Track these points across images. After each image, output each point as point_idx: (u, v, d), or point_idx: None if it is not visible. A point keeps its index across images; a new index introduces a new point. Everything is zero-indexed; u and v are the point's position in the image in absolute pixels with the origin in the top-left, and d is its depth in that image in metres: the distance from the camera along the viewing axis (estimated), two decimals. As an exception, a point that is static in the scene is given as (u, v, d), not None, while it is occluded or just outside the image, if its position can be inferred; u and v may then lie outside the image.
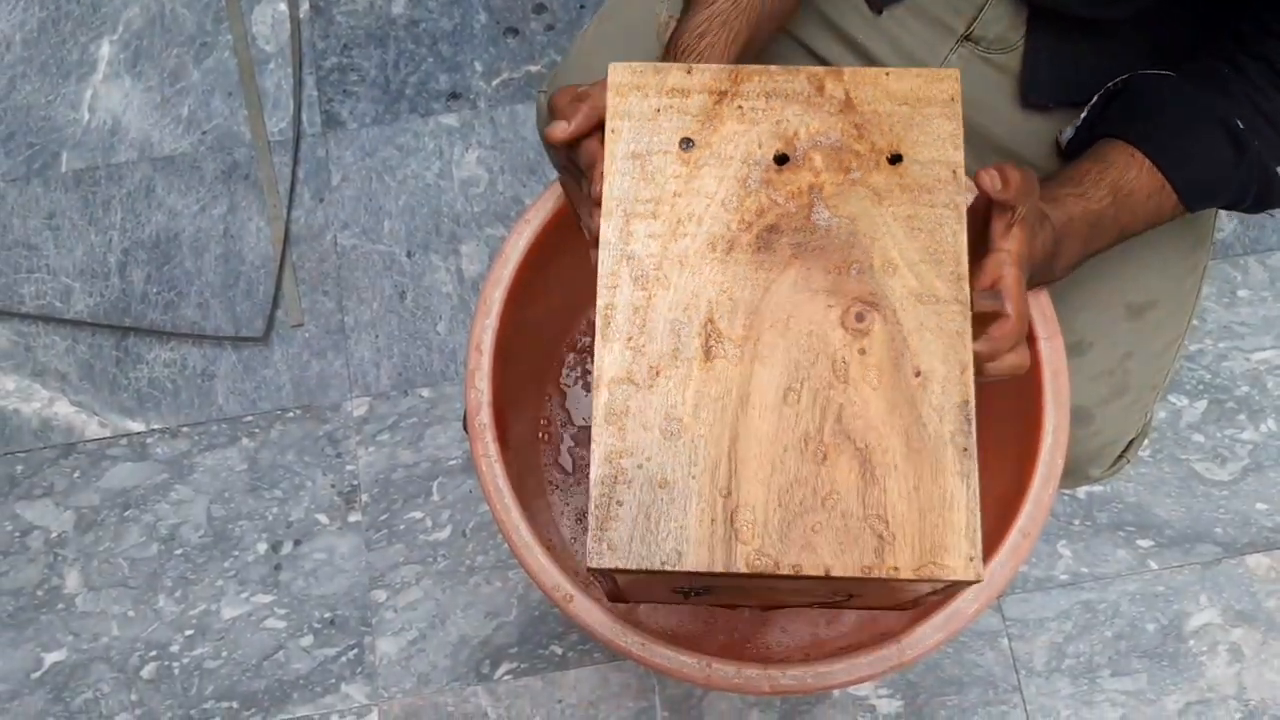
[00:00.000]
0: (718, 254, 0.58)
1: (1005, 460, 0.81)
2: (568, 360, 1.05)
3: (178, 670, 1.24)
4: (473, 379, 0.80)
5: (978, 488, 0.55)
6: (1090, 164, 0.74)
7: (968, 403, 0.56)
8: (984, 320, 0.62)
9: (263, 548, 1.28)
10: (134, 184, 1.42)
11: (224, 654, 1.25)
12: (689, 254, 0.58)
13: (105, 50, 1.47)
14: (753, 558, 0.54)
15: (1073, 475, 0.89)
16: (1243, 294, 1.36)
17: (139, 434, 1.32)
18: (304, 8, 1.48)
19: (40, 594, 1.27)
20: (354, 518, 1.29)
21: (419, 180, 1.42)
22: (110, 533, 1.29)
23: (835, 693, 1.23)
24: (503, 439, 0.79)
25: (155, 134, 1.44)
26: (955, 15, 0.86)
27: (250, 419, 1.33)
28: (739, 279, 0.58)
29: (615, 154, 0.60)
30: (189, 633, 1.25)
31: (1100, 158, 0.74)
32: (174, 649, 1.25)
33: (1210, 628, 1.25)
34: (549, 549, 0.77)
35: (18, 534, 1.29)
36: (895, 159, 0.60)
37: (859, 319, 0.57)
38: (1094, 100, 0.80)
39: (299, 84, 1.45)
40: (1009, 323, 0.63)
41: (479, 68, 1.46)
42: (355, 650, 1.25)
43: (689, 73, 0.61)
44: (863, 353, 0.56)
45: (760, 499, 0.54)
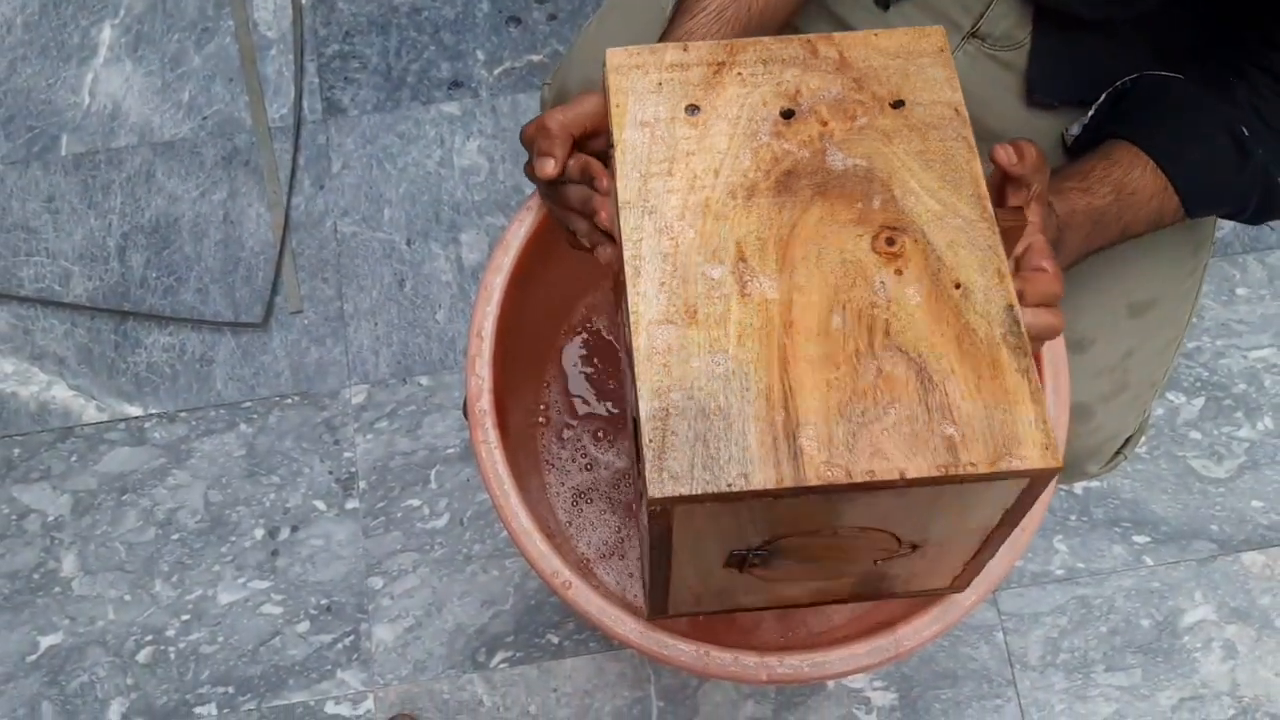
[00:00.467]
0: (739, 201, 0.58)
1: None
2: (566, 346, 1.05)
3: (173, 655, 1.24)
4: (473, 365, 0.80)
5: (1039, 383, 0.54)
6: (1095, 161, 0.74)
7: (1013, 306, 0.55)
8: (1010, 239, 0.62)
9: (260, 533, 1.28)
10: (134, 168, 1.41)
11: (220, 639, 1.25)
12: (710, 203, 0.58)
13: (106, 34, 1.47)
14: (822, 469, 0.52)
15: (1071, 471, 0.89)
16: (1241, 292, 1.36)
17: (137, 418, 1.32)
18: (306, -6, 1.48)
19: (36, 577, 1.27)
20: (351, 505, 1.29)
21: (420, 168, 1.41)
22: (107, 517, 1.29)
23: (830, 684, 1.23)
24: (502, 425, 0.79)
25: (156, 119, 1.43)
26: (962, 11, 0.86)
27: (248, 405, 1.33)
28: (764, 220, 0.58)
29: (624, 124, 0.60)
30: (185, 617, 1.26)
31: (1105, 155, 0.74)
32: (170, 633, 1.25)
33: (1205, 624, 1.25)
34: (547, 535, 0.77)
35: (14, 517, 1.29)
36: (898, 104, 0.61)
37: (890, 243, 0.57)
38: (1101, 99, 0.80)
39: (300, 70, 1.45)
40: (1046, 277, 0.62)
41: (481, 56, 1.46)
42: (351, 637, 1.25)
43: (685, 50, 0.62)
44: (899, 273, 0.56)
45: (820, 415, 0.53)
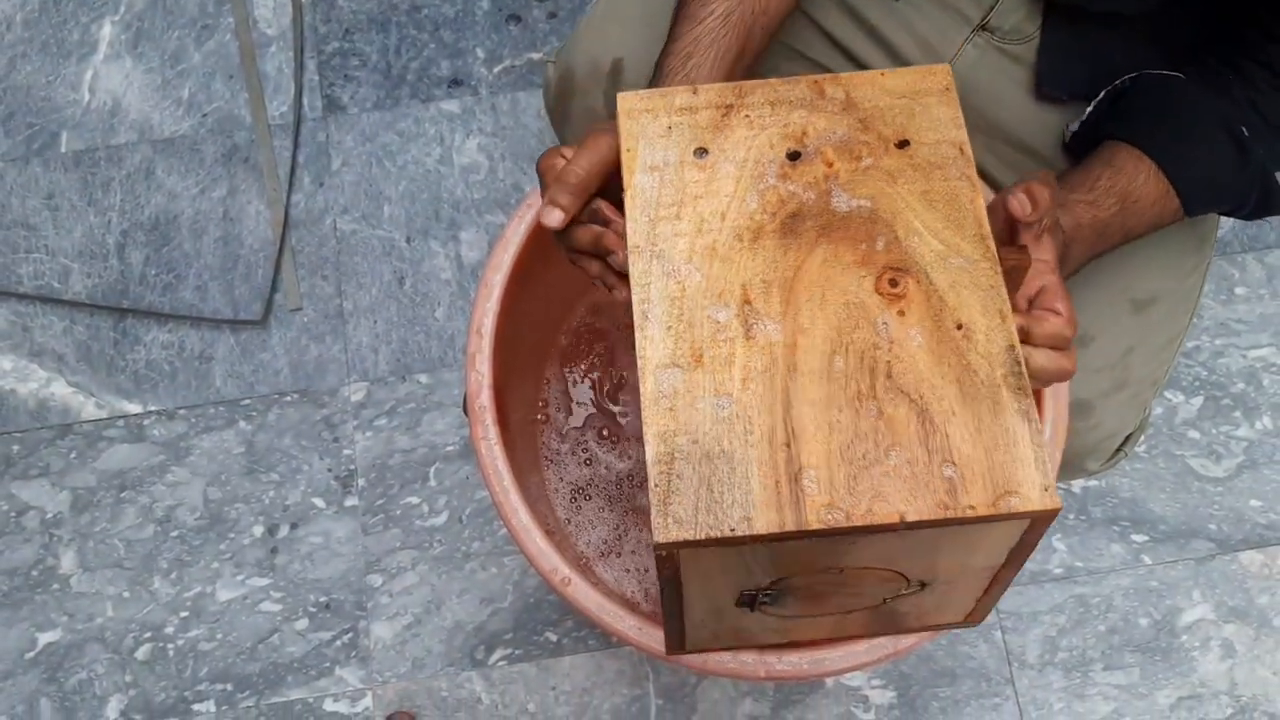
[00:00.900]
0: (744, 243, 0.59)
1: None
2: (566, 343, 1.05)
3: (172, 652, 1.24)
4: (473, 362, 0.80)
5: (1039, 424, 0.54)
6: (1100, 169, 0.74)
7: (1014, 347, 0.56)
8: (1014, 278, 0.63)
9: (259, 531, 1.28)
10: (134, 165, 1.41)
11: (219, 636, 1.25)
12: (716, 246, 0.59)
13: (106, 31, 1.47)
14: (823, 513, 0.53)
15: (1070, 468, 0.90)
16: (1240, 291, 1.36)
17: (136, 415, 1.32)
18: (306, -9, 1.48)
19: (35, 574, 1.27)
20: (350, 502, 1.29)
21: (419, 166, 1.41)
22: (106, 514, 1.29)
23: (829, 683, 1.23)
24: (502, 422, 0.79)
25: (155, 116, 1.43)
26: (972, 4, 0.86)
27: (248, 402, 1.33)
28: (769, 263, 0.59)
29: (634, 169, 0.62)
30: (184, 614, 1.26)
31: (1108, 162, 0.74)
32: (169, 630, 1.25)
33: (1203, 623, 1.25)
34: (547, 533, 0.77)
35: (13, 514, 1.29)
36: (903, 144, 0.62)
37: (893, 284, 0.58)
38: (1100, 97, 0.80)
39: (300, 68, 1.45)
40: (1060, 321, 0.63)
41: (481, 54, 1.46)
42: (350, 634, 1.25)
43: (695, 93, 0.64)
44: (902, 314, 0.57)
45: (822, 458, 0.54)
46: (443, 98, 1.44)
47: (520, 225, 0.83)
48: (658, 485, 0.54)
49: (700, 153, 0.62)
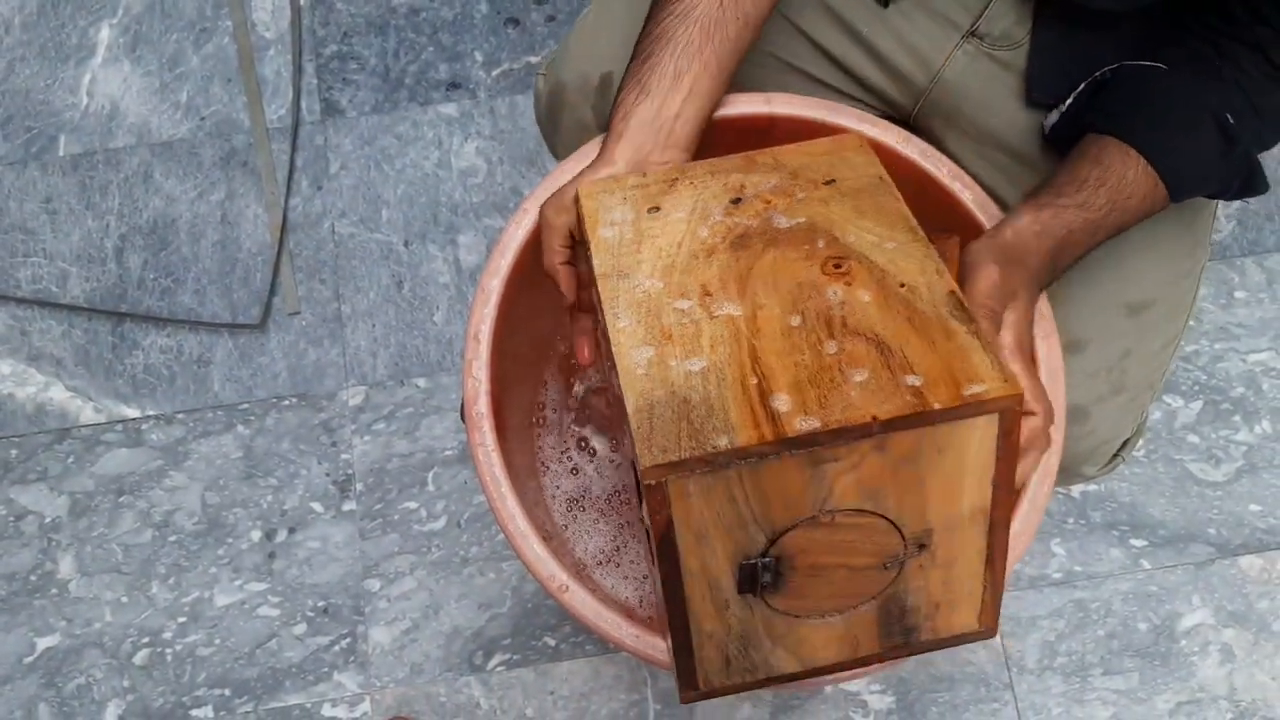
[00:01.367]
0: (699, 259, 0.67)
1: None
2: (564, 350, 1.05)
3: (170, 657, 1.24)
4: (470, 368, 0.80)
5: (993, 347, 0.59)
6: (1088, 169, 0.74)
7: (954, 292, 0.61)
8: (943, 253, 0.69)
9: (257, 535, 1.28)
10: (132, 169, 1.41)
11: (217, 641, 1.25)
12: (675, 263, 0.67)
13: (104, 34, 1.47)
14: (799, 423, 0.56)
15: (1068, 473, 0.89)
16: (1240, 295, 1.36)
17: (134, 420, 1.32)
18: (305, -5, 1.48)
19: (33, 579, 1.27)
20: (348, 507, 1.29)
21: (417, 169, 1.41)
22: (104, 518, 1.29)
23: (828, 688, 1.23)
24: (500, 428, 0.79)
25: (154, 119, 1.43)
26: (961, 10, 0.86)
27: (246, 406, 1.32)
28: (724, 267, 0.66)
29: (596, 228, 0.70)
30: (182, 619, 1.25)
31: (1096, 160, 0.74)
32: (167, 635, 1.25)
33: (1202, 628, 1.25)
34: (544, 539, 0.77)
35: (11, 518, 1.29)
36: (829, 182, 0.71)
37: (837, 265, 0.64)
38: (1080, 88, 0.79)
39: (298, 71, 1.45)
40: (1037, 421, 0.66)
41: (479, 58, 1.46)
42: (348, 639, 1.25)
43: (644, 175, 0.73)
44: (849, 284, 0.63)
45: (792, 387, 0.58)
46: (441, 101, 1.44)
47: (518, 230, 0.82)
48: (639, 429, 0.57)
49: (653, 210, 0.70)
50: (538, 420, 1.03)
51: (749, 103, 0.81)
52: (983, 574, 0.67)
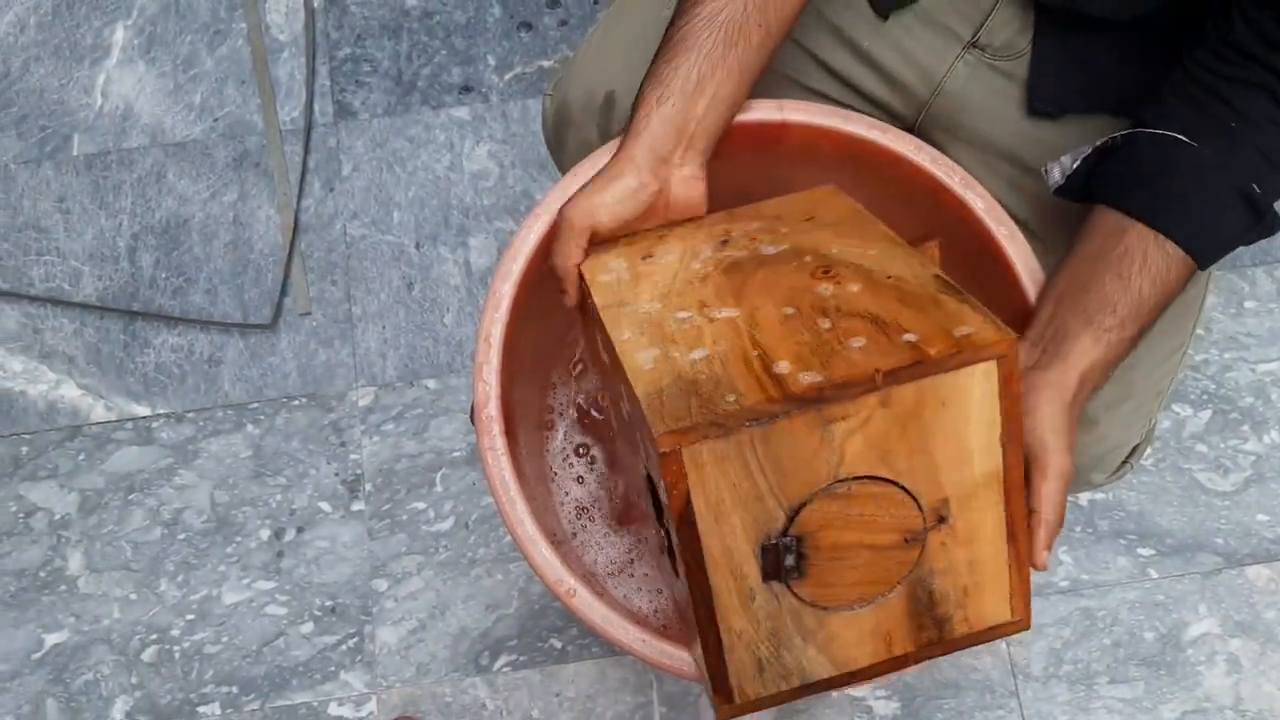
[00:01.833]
0: (694, 284, 0.71)
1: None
2: (575, 353, 1.05)
3: (178, 654, 1.25)
4: (480, 371, 0.80)
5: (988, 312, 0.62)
6: (1145, 284, 0.73)
7: (939, 276, 0.65)
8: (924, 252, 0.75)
9: (265, 534, 1.29)
10: (145, 169, 1.42)
11: (224, 639, 1.25)
12: (671, 290, 0.71)
13: (119, 35, 1.47)
14: (803, 380, 0.59)
15: (1076, 481, 0.89)
16: (1250, 305, 1.36)
17: (145, 418, 1.33)
18: (318, -3, 1.48)
19: (43, 575, 1.28)
20: (357, 507, 1.29)
21: (429, 172, 1.42)
22: (114, 516, 1.29)
23: (833, 693, 1.23)
24: (509, 432, 0.79)
25: (167, 120, 1.44)
26: (962, 21, 0.86)
27: (256, 406, 1.33)
28: (719, 286, 0.70)
29: (595, 279, 0.75)
30: (190, 617, 1.26)
31: (1145, 269, 0.73)
32: (175, 633, 1.25)
33: (1209, 637, 1.25)
34: (553, 543, 0.77)
35: (22, 515, 1.29)
36: (809, 219, 0.75)
37: (826, 271, 0.68)
38: (1087, 152, 0.78)
39: (312, 73, 1.45)
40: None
41: (492, 61, 1.47)
42: (355, 639, 1.25)
43: (634, 234, 0.78)
44: (838, 282, 0.67)
45: (794, 356, 0.61)
46: (453, 104, 1.45)
47: (530, 234, 0.82)
48: (650, 407, 0.60)
49: (647, 257, 0.75)
50: (546, 424, 1.03)
51: (762, 109, 0.82)
52: (1006, 552, 0.67)
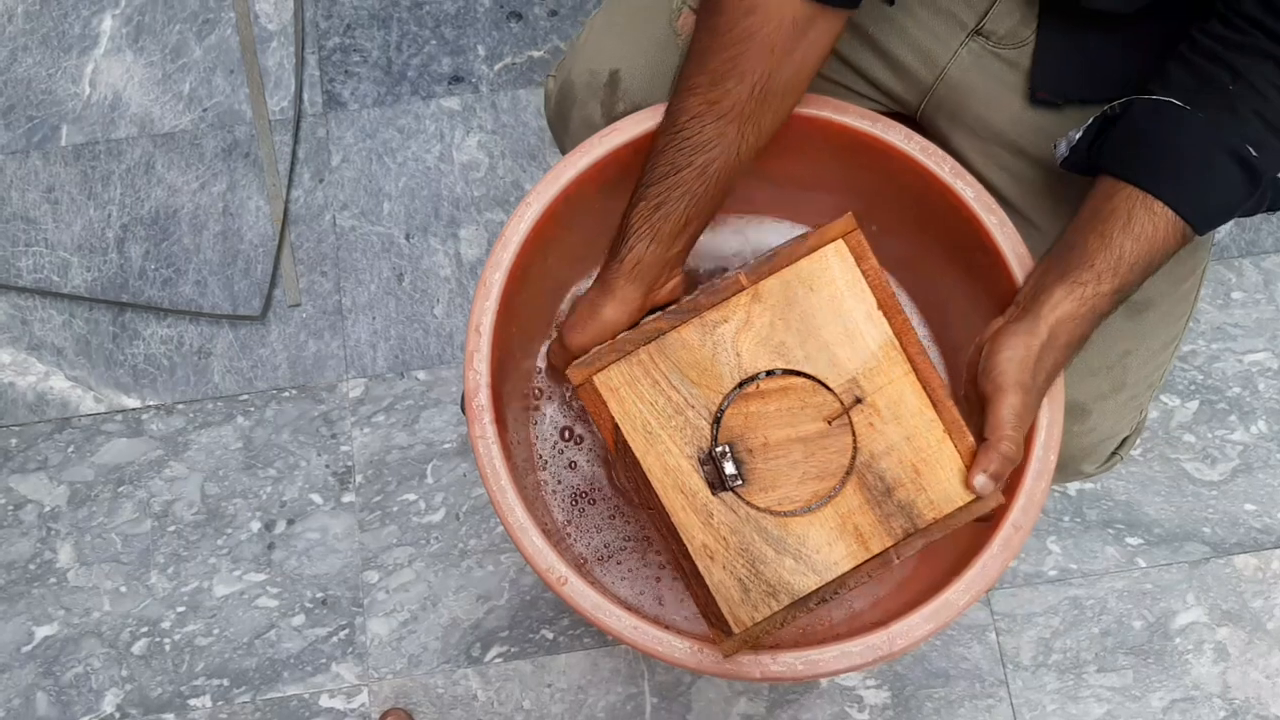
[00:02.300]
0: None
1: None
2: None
3: (169, 646, 1.25)
4: (471, 361, 0.80)
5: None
6: (1126, 241, 0.73)
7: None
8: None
9: (256, 526, 1.28)
10: (134, 160, 1.41)
11: (215, 631, 1.25)
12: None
13: (107, 24, 1.47)
14: (684, 304, 0.69)
15: (1066, 470, 0.90)
16: (1237, 296, 1.37)
17: (134, 410, 1.32)
18: (308, -13, 1.48)
19: (32, 568, 1.27)
20: (348, 498, 1.29)
21: (419, 163, 1.42)
22: (104, 508, 1.29)
23: (823, 683, 1.23)
24: (500, 421, 0.79)
25: (156, 110, 1.43)
26: (967, 8, 0.86)
27: (246, 397, 1.33)
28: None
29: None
30: (181, 609, 1.26)
31: (1128, 226, 0.73)
32: (165, 625, 1.25)
33: (1196, 626, 1.26)
34: (544, 531, 0.77)
35: (11, 507, 1.29)
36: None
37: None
38: (1089, 122, 0.78)
39: (301, 63, 1.45)
40: (1005, 445, 0.70)
41: (482, 51, 1.46)
42: (346, 630, 1.25)
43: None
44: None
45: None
46: (443, 95, 1.44)
47: (520, 224, 0.83)
48: (575, 366, 0.70)
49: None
50: (532, 406, 1.03)
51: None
52: (937, 418, 0.70)
